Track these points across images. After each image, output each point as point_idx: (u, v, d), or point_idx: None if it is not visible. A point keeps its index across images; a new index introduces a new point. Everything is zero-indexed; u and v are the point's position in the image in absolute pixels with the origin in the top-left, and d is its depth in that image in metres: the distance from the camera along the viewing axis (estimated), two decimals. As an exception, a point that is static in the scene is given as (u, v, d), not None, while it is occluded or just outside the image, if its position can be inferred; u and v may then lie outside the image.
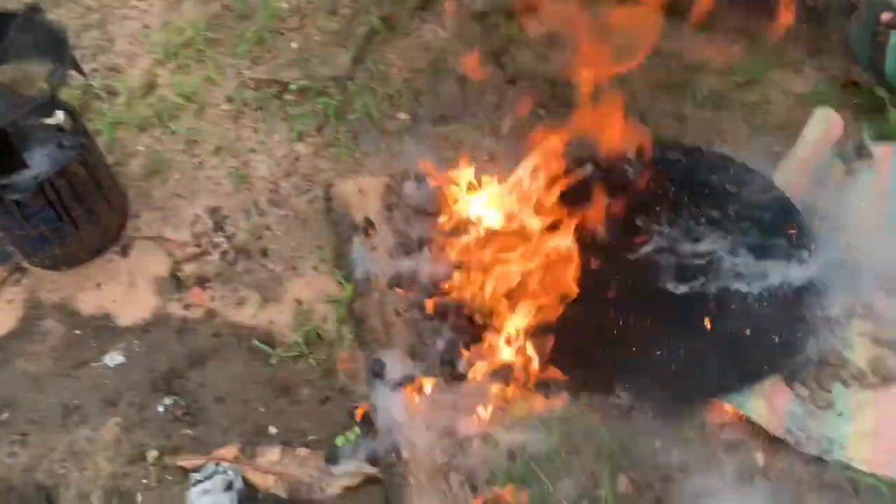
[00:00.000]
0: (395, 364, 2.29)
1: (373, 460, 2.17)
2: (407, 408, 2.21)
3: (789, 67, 3.08)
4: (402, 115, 2.95)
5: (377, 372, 2.26)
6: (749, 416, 2.19)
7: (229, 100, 3.01)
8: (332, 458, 2.17)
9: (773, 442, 2.17)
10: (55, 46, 2.29)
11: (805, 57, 3.12)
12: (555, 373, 2.29)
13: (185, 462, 2.18)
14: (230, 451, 2.21)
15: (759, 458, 2.15)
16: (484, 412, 2.22)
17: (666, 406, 2.23)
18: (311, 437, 2.26)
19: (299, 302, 2.51)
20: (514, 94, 3.01)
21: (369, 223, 2.55)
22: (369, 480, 2.16)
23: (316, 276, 2.57)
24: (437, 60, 3.10)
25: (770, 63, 3.07)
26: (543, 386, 2.27)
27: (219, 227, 2.69)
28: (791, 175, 2.69)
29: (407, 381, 2.24)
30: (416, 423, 2.18)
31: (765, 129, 2.88)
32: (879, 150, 2.74)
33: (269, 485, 2.17)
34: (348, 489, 2.16)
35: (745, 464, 2.13)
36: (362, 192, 2.65)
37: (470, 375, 2.28)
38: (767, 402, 2.22)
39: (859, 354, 2.33)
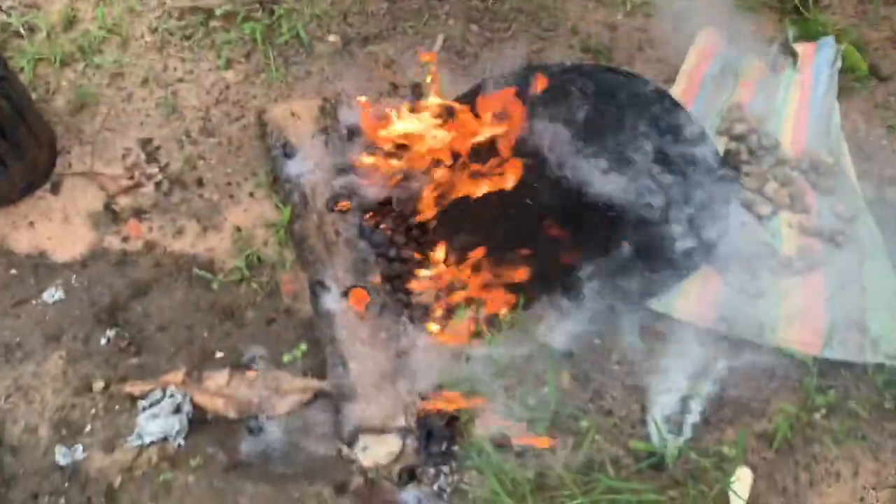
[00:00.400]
0: (338, 281, 2.31)
1: (320, 374, 2.21)
2: (351, 322, 2.24)
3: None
4: (332, 37, 2.90)
5: (320, 291, 2.28)
6: (675, 316, 2.27)
7: (153, 30, 2.93)
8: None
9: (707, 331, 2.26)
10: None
11: (732, -38, 3.13)
12: (495, 281, 2.33)
13: (133, 389, 2.19)
14: (177, 376, 2.22)
15: (694, 346, 2.23)
16: (428, 322, 2.26)
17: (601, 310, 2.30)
18: (258, 359, 2.28)
19: (238, 228, 2.49)
20: (444, 10, 2.97)
21: (292, 147, 2.54)
22: (318, 394, 2.19)
23: (253, 201, 2.55)
24: (365, -21, 3.05)
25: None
26: (485, 294, 2.32)
27: (152, 158, 2.64)
28: (682, 86, 2.74)
29: (350, 296, 2.26)
30: (362, 335, 2.21)
31: (693, 35, 2.91)
32: (802, 47, 2.80)
33: (219, 407, 2.18)
34: (298, 405, 2.19)
35: (679, 352, 2.21)
36: (295, 116, 2.62)
37: (413, 288, 2.32)
38: (698, 296, 2.30)
39: (787, 243, 2.41)
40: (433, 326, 2.26)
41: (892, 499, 2.04)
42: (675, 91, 2.69)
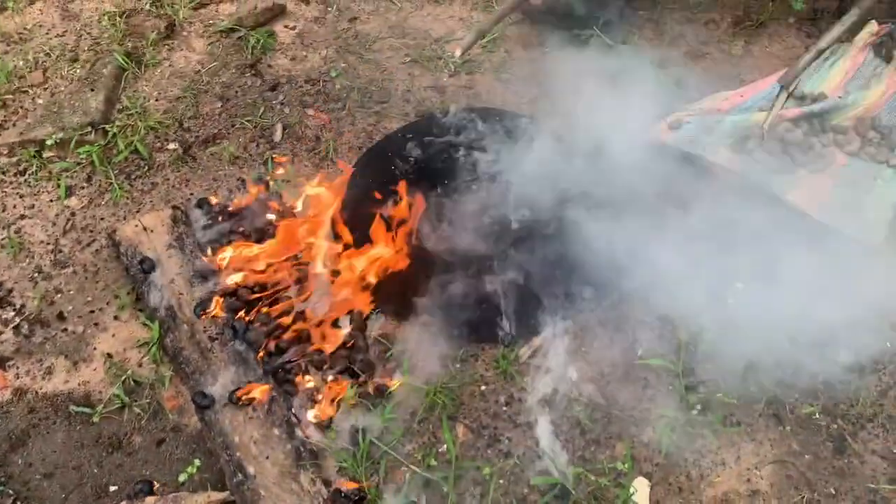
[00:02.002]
0: (221, 386, 2.30)
1: (221, 485, 2.18)
2: (242, 425, 2.23)
3: (525, 22, 3.31)
4: (172, 145, 2.92)
5: (202, 402, 2.27)
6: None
7: (-17, 171, 2.86)
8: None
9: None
10: None
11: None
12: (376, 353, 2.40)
13: (26, 547, 2.10)
14: (72, 521, 2.15)
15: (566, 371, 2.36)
16: (317, 408, 2.29)
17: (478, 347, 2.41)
18: (155, 483, 2.23)
19: (109, 355, 2.45)
20: (278, 99, 3.05)
21: (150, 262, 2.53)
22: (222, 505, 2.17)
23: (120, 325, 2.52)
24: (193, 83, 3.09)
25: (506, 22, 3.28)
26: (368, 366, 2.37)
27: (5, 302, 2.56)
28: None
29: (235, 399, 2.26)
30: (255, 436, 2.21)
31: (514, 81, 3.10)
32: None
33: (123, 542, 2.13)
34: (204, 520, 2.16)
35: (557, 383, 2.33)
36: (148, 230, 2.61)
37: (296, 378, 2.34)
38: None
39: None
40: (324, 410, 2.29)
41: (775, 473, 2.20)
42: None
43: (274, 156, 2.87)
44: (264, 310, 2.45)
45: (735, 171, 2.75)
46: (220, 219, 2.66)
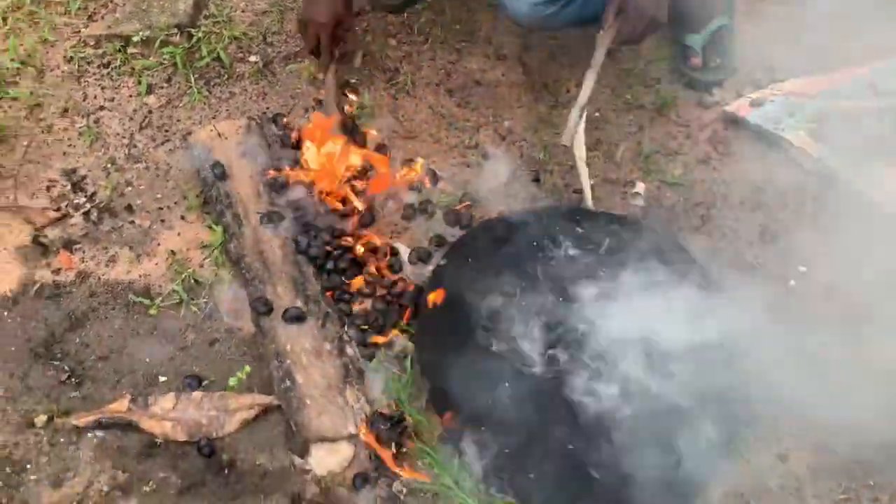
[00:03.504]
0: (278, 297, 2.34)
1: (268, 390, 2.24)
2: (294, 336, 2.28)
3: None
4: (253, 58, 2.94)
5: (261, 308, 2.31)
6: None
7: (69, 60, 2.91)
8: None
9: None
10: None
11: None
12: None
13: (79, 420, 2.17)
14: (122, 403, 2.21)
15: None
16: (369, 329, 2.32)
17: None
18: (203, 380, 2.29)
19: (172, 252, 2.50)
20: (361, 26, 3.04)
21: (223, 168, 2.56)
22: (267, 410, 2.22)
23: (185, 225, 2.56)
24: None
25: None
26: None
27: (78, 188, 2.62)
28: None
29: (292, 311, 2.30)
30: (306, 348, 2.25)
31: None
32: None
33: (167, 431, 2.19)
34: (247, 422, 2.21)
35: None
36: (222, 137, 2.65)
37: (351, 298, 2.38)
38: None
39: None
40: (375, 332, 2.32)
41: (813, 458, 2.19)
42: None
43: (352, 80, 2.87)
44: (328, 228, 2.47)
45: (813, 155, 2.71)
46: (294, 136, 2.68)
